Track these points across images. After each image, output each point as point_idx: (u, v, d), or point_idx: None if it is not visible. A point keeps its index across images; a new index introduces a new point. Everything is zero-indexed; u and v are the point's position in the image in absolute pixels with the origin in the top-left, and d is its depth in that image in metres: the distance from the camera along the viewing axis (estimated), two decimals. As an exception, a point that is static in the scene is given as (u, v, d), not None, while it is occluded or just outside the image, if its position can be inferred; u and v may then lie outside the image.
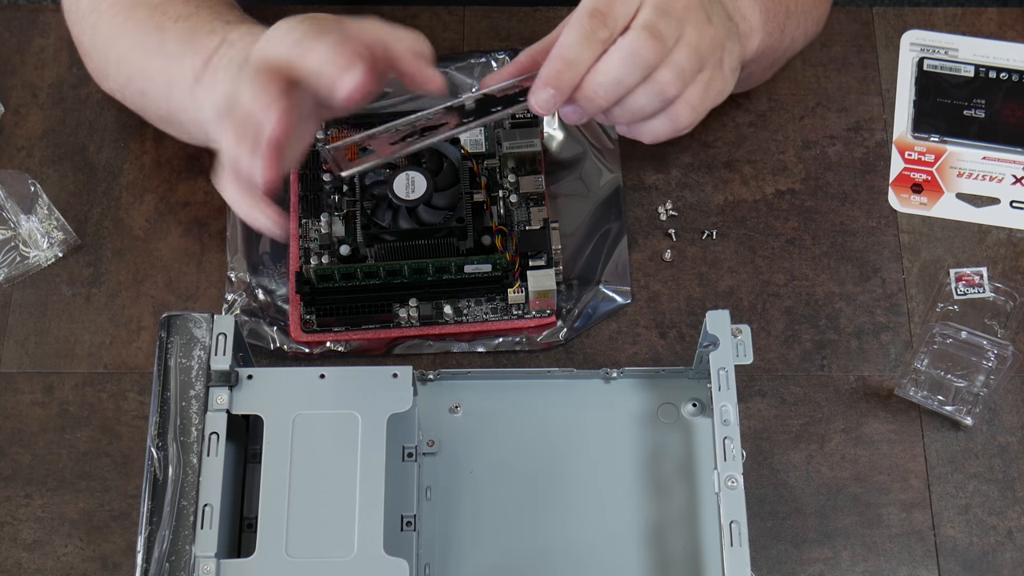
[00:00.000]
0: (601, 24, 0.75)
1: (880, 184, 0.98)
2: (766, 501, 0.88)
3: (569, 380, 0.89)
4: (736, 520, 0.75)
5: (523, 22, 1.04)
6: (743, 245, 0.96)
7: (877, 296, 0.94)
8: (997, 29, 1.04)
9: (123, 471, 0.88)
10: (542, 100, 0.77)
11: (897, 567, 0.86)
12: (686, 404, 0.88)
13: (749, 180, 0.98)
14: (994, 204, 0.97)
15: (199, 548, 0.74)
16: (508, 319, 0.92)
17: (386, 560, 0.74)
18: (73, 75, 1.01)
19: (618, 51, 0.76)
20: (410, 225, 0.88)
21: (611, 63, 0.76)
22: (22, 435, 0.90)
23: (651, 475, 0.86)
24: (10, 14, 1.04)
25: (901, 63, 1.02)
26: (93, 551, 0.86)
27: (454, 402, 0.88)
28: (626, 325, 0.93)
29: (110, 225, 0.96)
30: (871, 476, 0.88)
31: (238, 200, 0.75)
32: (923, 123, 1.00)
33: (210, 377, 0.78)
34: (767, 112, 1.01)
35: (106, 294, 0.94)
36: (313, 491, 0.76)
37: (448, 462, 0.86)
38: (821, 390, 0.91)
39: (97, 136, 0.99)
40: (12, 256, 0.95)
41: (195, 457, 0.76)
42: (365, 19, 0.77)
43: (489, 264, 0.89)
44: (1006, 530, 0.87)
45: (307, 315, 0.91)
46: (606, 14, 0.76)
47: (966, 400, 0.89)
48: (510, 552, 0.84)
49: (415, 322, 0.91)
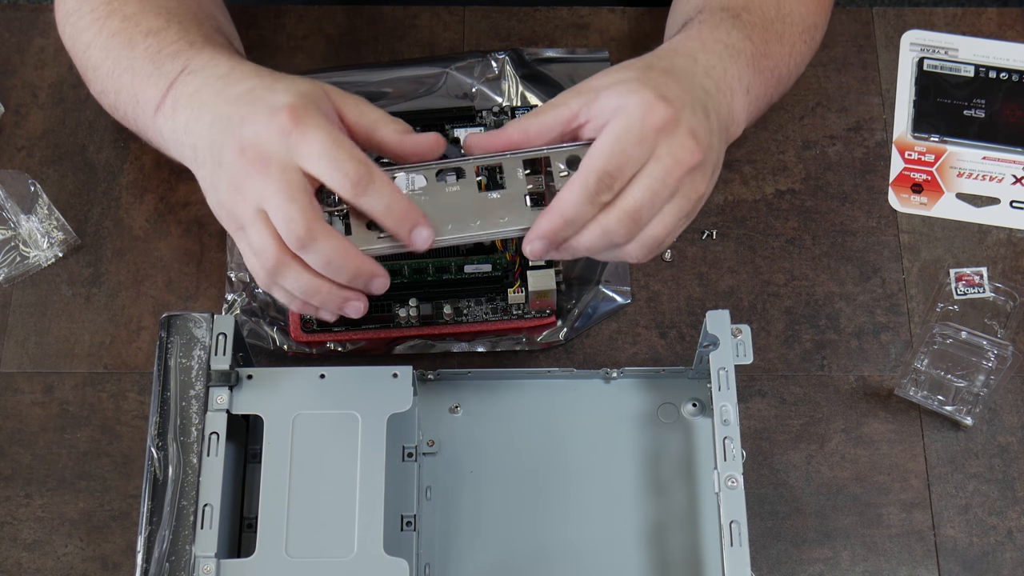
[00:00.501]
0: (608, 188, 0.74)
1: (880, 184, 0.98)
2: (766, 501, 0.88)
3: (569, 380, 0.89)
4: (736, 520, 0.75)
5: (523, 22, 1.04)
6: (743, 245, 0.96)
7: (877, 296, 0.94)
8: (997, 29, 1.04)
9: (123, 471, 0.88)
10: (537, 248, 0.76)
11: (897, 567, 0.86)
12: (686, 404, 0.88)
13: (749, 180, 0.98)
14: (994, 204, 0.97)
15: (199, 548, 0.74)
16: (508, 319, 0.92)
17: (386, 560, 0.74)
18: (73, 75, 1.01)
19: (597, 228, 0.75)
20: (410, 225, 0.88)
21: (588, 236, 0.76)
22: (22, 435, 0.90)
23: (651, 475, 0.86)
24: (10, 14, 1.04)
25: (901, 63, 1.02)
26: (93, 551, 0.86)
27: (454, 402, 0.88)
28: (626, 325, 0.93)
29: (110, 225, 0.96)
30: (871, 476, 0.88)
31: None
32: (923, 123, 1.00)
33: (210, 377, 0.78)
34: (767, 112, 1.01)
35: (106, 294, 0.94)
36: (313, 491, 0.76)
37: (448, 462, 0.86)
38: (821, 390, 0.91)
39: (97, 136, 0.99)
40: (12, 256, 0.95)
41: (195, 457, 0.76)
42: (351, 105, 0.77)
43: (489, 264, 0.89)
44: (1006, 530, 0.87)
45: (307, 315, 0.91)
46: (615, 178, 0.74)
47: (966, 400, 0.89)
48: (510, 552, 0.84)
49: (415, 322, 0.91)
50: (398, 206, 0.74)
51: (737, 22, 0.85)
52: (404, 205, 0.74)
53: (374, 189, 0.73)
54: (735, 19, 0.85)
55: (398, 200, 0.74)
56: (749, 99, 0.84)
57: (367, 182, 0.73)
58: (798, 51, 0.90)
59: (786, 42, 0.88)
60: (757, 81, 0.85)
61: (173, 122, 0.81)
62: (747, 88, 0.84)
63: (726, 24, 0.85)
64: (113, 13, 0.87)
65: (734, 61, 0.83)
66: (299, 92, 0.75)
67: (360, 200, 0.73)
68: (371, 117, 0.77)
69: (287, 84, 0.76)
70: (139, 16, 0.86)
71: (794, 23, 0.89)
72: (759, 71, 0.85)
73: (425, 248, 0.75)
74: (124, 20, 0.87)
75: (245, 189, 0.75)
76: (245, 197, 0.75)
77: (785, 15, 0.88)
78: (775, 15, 0.88)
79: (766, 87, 0.87)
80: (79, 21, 0.90)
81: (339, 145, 0.73)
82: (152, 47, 0.84)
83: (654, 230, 0.77)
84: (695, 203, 0.78)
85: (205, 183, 0.80)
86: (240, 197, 0.75)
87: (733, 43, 0.83)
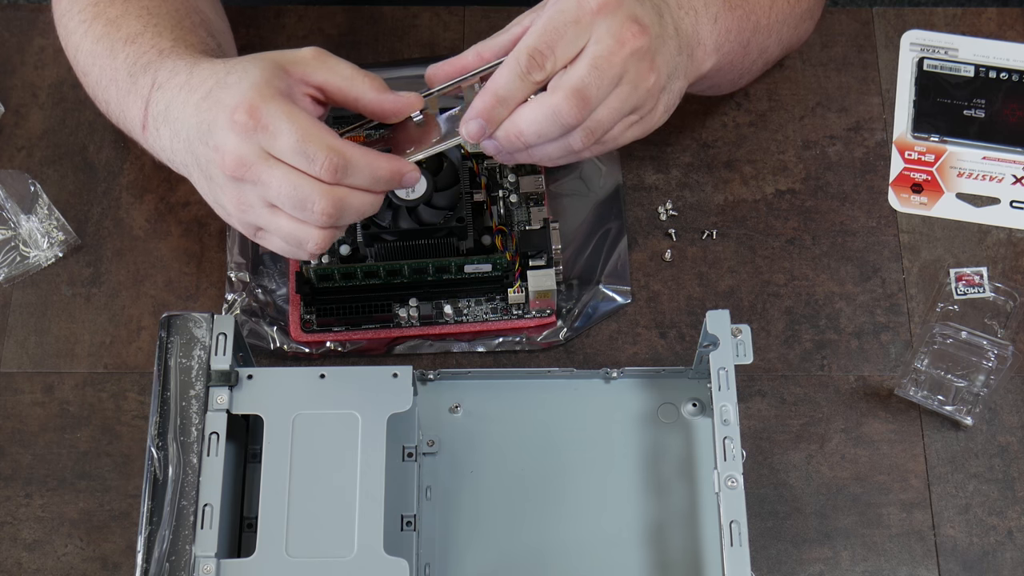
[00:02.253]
0: (538, 67, 0.75)
1: (880, 184, 0.98)
2: (766, 501, 0.88)
3: (569, 380, 0.89)
4: (736, 520, 0.75)
5: (523, 22, 1.04)
6: (743, 245, 0.96)
7: (877, 296, 0.94)
8: (997, 29, 1.04)
9: (123, 471, 0.88)
10: (472, 129, 0.77)
11: (897, 567, 0.86)
12: (686, 404, 0.88)
13: (749, 180, 0.98)
14: (994, 204, 0.97)
15: (199, 548, 0.74)
16: (508, 319, 0.92)
17: (386, 560, 0.74)
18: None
19: (542, 108, 0.76)
20: (410, 225, 0.88)
21: (535, 115, 0.76)
22: (22, 435, 0.90)
23: (651, 475, 0.86)
24: (10, 14, 1.04)
25: (901, 63, 1.02)
26: (93, 551, 0.86)
27: (454, 402, 0.88)
28: (626, 325, 0.93)
29: (110, 225, 0.96)
30: (871, 476, 0.88)
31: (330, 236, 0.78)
32: (923, 123, 1.00)
33: (210, 377, 0.78)
34: (767, 112, 1.01)
35: (106, 294, 0.94)
36: (313, 491, 0.76)
37: (448, 462, 0.86)
38: (821, 390, 0.91)
39: (97, 136, 0.99)
40: (12, 256, 0.95)
41: (195, 457, 0.76)
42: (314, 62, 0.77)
43: (489, 264, 0.89)
44: (1006, 530, 0.87)
45: (307, 315, 0.91)
46: (545, 56, 0.75)
47: (966, 400, 0.89)
48: (510, 552, 0.84)
49: (415, 322, 0.91)
50: (380, 171, 0.75)
51: None
52: (385, 167, 0.75)
53: (352, 169, 0.74)
54: None
55: (378, 166, 0.75)
56: (718, 28, 0.85)
57: (343, 167, 0.73)
58: (780, 7, 0.91)
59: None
60: (728, 16, 0.86)
61: (158, 141, 0.82)
62: (715, 17, 0.85)
63: None
64: (98, 16, 0.87)
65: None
66: (252, 83, 0.74)
67: (343, 183, 0.74)
68: (343, 74, 0.77)
69: (239, 75, 0.75)
70: (120, 20, 0.86)
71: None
72: (731, 7, 0.86)
73: (415, 184, 0.77)
74: (107, 24, 0.86)
75: (245, 197, 0.76)
76: (250, 204, 0.76)
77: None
78: None
79: (739, 27, 0.87)
80: (69, 22, 0.89)
81: (306, 136, 0.73)
82: (130, 57, 0.84)
83: (601, 115, 0.77)
84: (644, 95, 0.78)
85: (208, 198, 0.81)
86: (245, 206, 0.76)
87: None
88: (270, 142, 0.73)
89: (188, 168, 0.80)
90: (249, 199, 0.76)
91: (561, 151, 0.79)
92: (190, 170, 0.80)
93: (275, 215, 0.76)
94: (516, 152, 0.79)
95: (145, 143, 0.85)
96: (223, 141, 0.74)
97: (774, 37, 0.93)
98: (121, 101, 0.85)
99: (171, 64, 0.81)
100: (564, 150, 0.79)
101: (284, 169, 0.74)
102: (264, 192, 0.74)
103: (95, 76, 0.87)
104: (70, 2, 0.89)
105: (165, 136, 0.81)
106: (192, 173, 0.80)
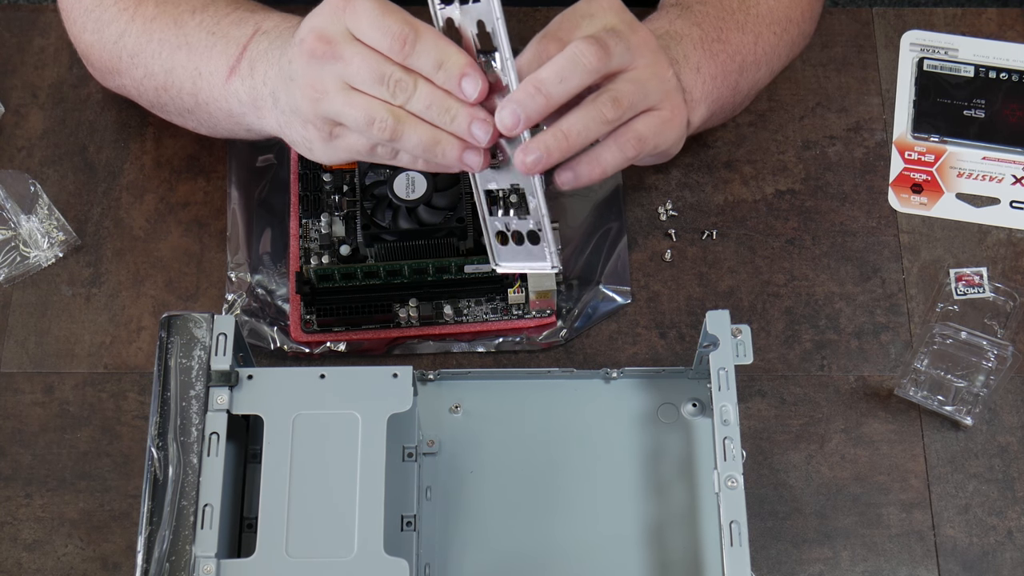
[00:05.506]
0: (556, 43, 0.77)
1: (880, 184, 0.98)
2: (766, 501, 0.88)
3: (569, 380, 0.89)
4: (736, 520, 0.75)
5: (523, 22, 1.03)
6: (743, 245, 0.96)
7: (877, 296, 0.94)
8: (997, 29, 1.04)
9: (123, 471, 0.88)
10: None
11: (897, 567, 0.86)
12: (686, 404, 0.88)
13: (749, 180, 0.98)
14: (994, 204, 0.97)
15: (199, 548, 0.74)
16: (508, 319, 0.92)
17: (386, 560, 0.74)
18: (73, 75, 1.01)
19: (562, 55, 0.76)
20: (410, 225, 0.88)
21: (554, 62, 0.76)
22: (22, 435, 0.90)
23: (651, 475, 0.86)
24: (10, 14, 1.04)
25: (901, 63, 1.02)
26: (93, 551, 0.86)
27: (454, 402, 0.88)
28: (626, 325, 0.93)
29: (110, 225, 0.96)
30: (871, 476, 0.88)
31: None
32: (923, 123, 1.00)
33: (210, 377, 0.78)
34: (767, 112, 1.01)
35: (106, 294, 0.94)
36: (313, 491, 0.76)
37: (448, 462, 0.86)
38: (821, 390, 0.91)
39: (97, 136, 0.99)
40: (12, 256, 0.95)
41: (195, 457, 0.76)
42: None
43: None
44: (1006, 530, 0.87)
45: (307, 315, 0.91)
46: (561, 39, 0.77)
47: (966, 400, 0.89)
48: (510, 552, 0.84)
49: (415, 322, 0.91)
50: (449, 58, 0.75)
51: (686, 12, 0.89)
52: (454, 56, 0.75)
53: (422, 43, 0.74)
54: (685, 10, 0.89)
55: (447, 52, 0.75)
56: (702, 77, 0.87)
57: (413, 38, 0.74)
58: (766, 41, 0.92)
59: (749, 31, 0.91)
60: (709, 63, 0.87)
61: (252, 80, 0.84)
62: (696, 67, 0.86)
63: (671, 14, 0.89)
64: (143, 1, 0.90)
65: (677, 43, 0.86)
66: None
67: (411, 60, 0.75)
68: None
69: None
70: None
71: (760, 15, 0.92)
72: (712, 54, 0.88)
73: (475, 99, 0.75)
74: (158, 5, 0.89)
75: (323, 81, 0.76)
76: (327, 87, 0.76)
77: (749, 6, 0.91)
78: (737, 6, 0.91)
79: (724, 71, 0.89)
80: (103, 15, 0.91)
81: (385, 10, 0.75)
82: (206, 21, 0.87)
83: (630, 90, 0.78)
84: (661, 88, 0.80)
85: (283, 119, 0.81)
86: (321, 91, 0.77)
87: (676, 30, 0.87)
88: (352, 18, 0.75)
89: (274, 95, 0.81)
90: (326, 81, 0.76)
91: (595, 122, 0.78)
92: (276, 95, 0.81)
93: (351, 96, 0.76)
94: (539, 115, 0.77)
95: (222, 93, 0.86)
96: (312, 25, 0.76)
97: (764, 70, 0.93)
98: (194, 60, 0.87)
99: (279, 17, 0.85)
100: (599, 123, 0.78)
101: (364, 49, 0.75)
102: (341, 71, 0.76)
103: (151, 50, 0.89)
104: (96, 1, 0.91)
105: (259, 70, 0.83)
106: (278, 97, 0.81)
